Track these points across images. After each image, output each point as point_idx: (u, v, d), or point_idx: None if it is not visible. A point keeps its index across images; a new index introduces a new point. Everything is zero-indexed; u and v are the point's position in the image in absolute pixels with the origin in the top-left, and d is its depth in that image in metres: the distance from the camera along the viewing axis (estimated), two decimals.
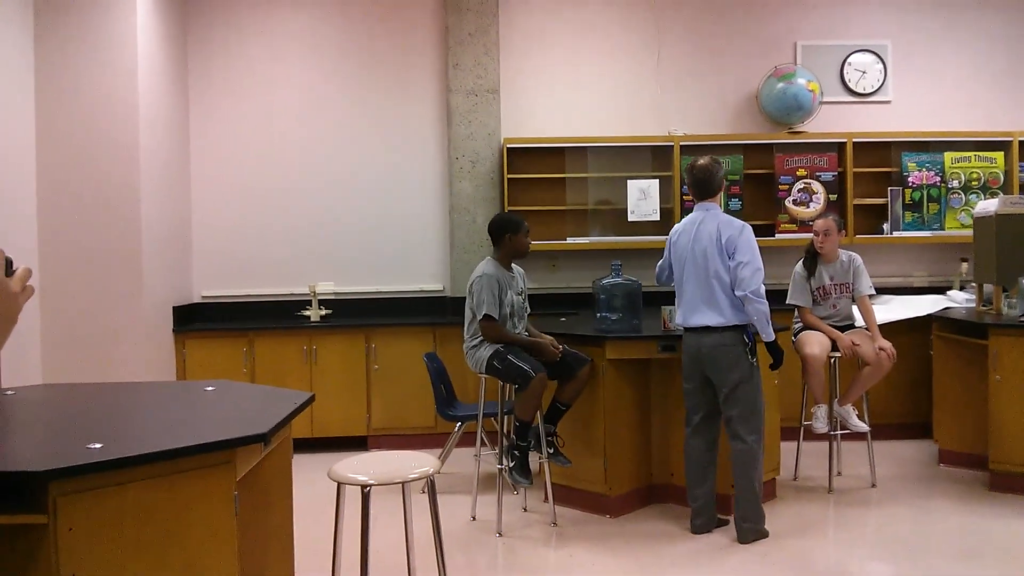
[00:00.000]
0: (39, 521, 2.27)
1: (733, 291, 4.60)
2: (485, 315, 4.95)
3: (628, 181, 7.18)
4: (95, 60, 6.03)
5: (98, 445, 2.49)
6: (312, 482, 4.38)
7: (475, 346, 5.09)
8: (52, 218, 5.98)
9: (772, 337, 4.65)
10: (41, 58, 5.94)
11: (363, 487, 3.09)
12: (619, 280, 5.27)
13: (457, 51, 7.29)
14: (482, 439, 5.37)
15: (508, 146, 7.14)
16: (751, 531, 4.66)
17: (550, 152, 7.33)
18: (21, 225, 5.77)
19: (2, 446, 2.73)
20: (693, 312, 4.70)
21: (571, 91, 7.52)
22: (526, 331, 5.20)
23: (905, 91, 7.65)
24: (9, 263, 1.33)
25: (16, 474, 2.30)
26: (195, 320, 7.13)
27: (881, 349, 5.46)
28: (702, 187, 4.79)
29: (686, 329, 4.76)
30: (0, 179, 5.43)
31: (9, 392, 3.71)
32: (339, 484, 3.14)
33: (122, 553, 2.41)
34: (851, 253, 5.77)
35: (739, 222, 4.68)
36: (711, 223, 4.68)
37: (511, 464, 4.93)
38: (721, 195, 4.92)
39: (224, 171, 7.34)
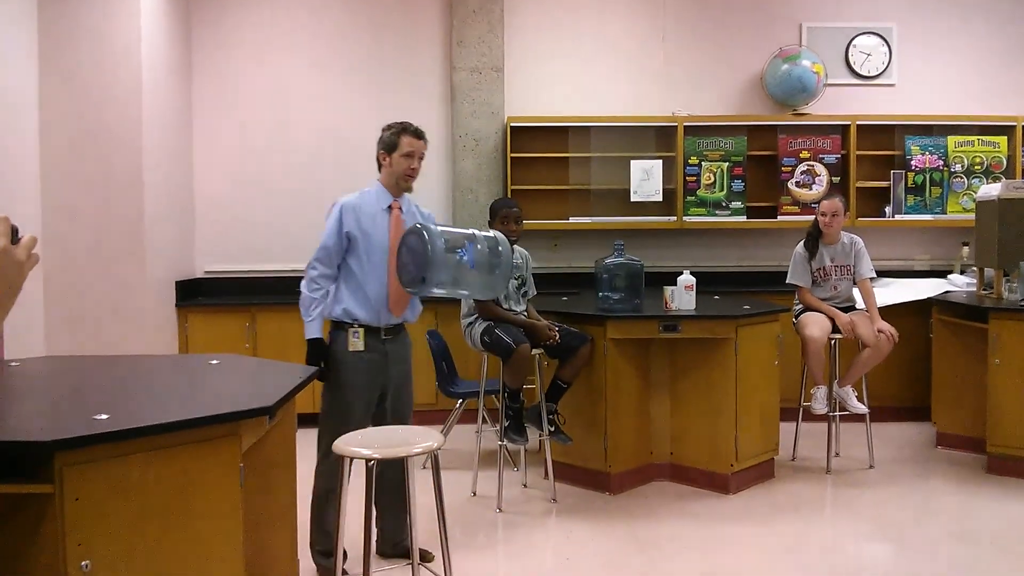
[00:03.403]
0: (45, 491, 2.28)
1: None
2: None
3: (631, 161, 7.17)
4: (99, 33, 6.01)
5: (104, 416, 2.51)
6: (314, 456, 4.40)
7: (470, 324, 5.10)
8: (56, 193, 5.97)
9: (307, 334, 3.95)
10: (44, 27, 5.91)
11: (368, 461, 3.11)
12: (621, 260, 5.28)
13: (461, 28, 7.27)
14: (483, 416, 5.40)
15: (512, 125, 7.12)
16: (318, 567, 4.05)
17: (554, 131, 7.32)
18: (25, 200, 5.75)
19: (8, 416, 2.75)
20: None
21: (576, 70, 7.50)
22: (525, 313, 5.20)
23: (910, 74, 7.63)
24: (15, 231, 1.35)
25: (22, 444, 2.32)
26: (198, 295, 7.14)
27: (880, 331, 5.48)
28: None
29: None
30: (4, 154, 5.42)
31: (14, 363, 3.73)
32: (343, 458, 3.16)
33: (128, 524, 2.43)
34: (853, 236, 5.78)
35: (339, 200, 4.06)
36: None
37: (505, 424, 4.97)
38: (384, 170, 4.10)
39: (227, 147, 7.33)
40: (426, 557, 4.08)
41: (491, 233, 4.00)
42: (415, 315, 4.21)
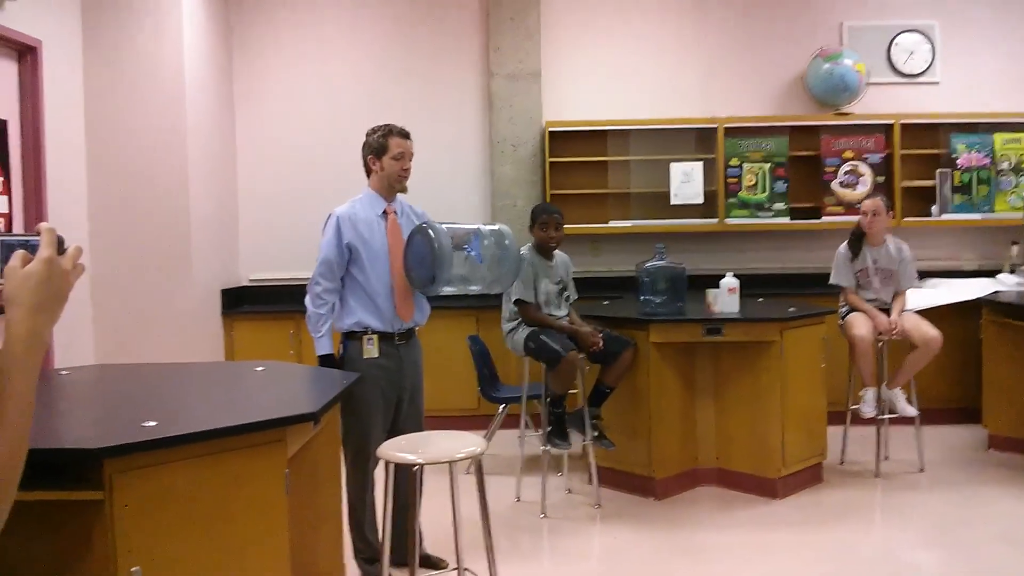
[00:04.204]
0: (95, 498, 2.31)
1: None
2: (517, 299, 4.94)
3: (671, 164, 7.12)
4: (142, 46, 6.09)
5: (152, 423, 2.53)
6: None
7: (512, 329, 5.08)
8: (102, 203, 6.06)
9: (318, 350, 3.98)
10: (88, 41, 6.01)
11: (412, 466, 3.11)
12: (663, 263, 5.25)
13: (498, 35, 7.27)
14: (526, 421, 5.38)
15: (550, 130, 7.11)
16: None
17: (592, 135, 7.29)
18: (72, 211, 5.85)
19: (58, 424, 2.78)
20: None
21: (613, 73, 7.47)
22: (567, 318, 5.17)
23: (953, 72, 7.50)
24: (61, 242, 1.36)
25: (72, 451, 2.35)
26: (243, 303, 7.21)
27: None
28: None
29: None
30: (51, 164, 5.50)
31: (64, 372, 3.78)
32: (388, 463, 3.17)
33: (176, 530, 2.45)
34: (900, 242, 5.68)
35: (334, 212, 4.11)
36: None
37: (548, 429, 4.95)
38: (374, 175, 4.20)
39: (270, 155, 7.39)
40: (439, 564, 4.09)
41: (496, 226, 4.00)
42: (424, 317, 4.21)
